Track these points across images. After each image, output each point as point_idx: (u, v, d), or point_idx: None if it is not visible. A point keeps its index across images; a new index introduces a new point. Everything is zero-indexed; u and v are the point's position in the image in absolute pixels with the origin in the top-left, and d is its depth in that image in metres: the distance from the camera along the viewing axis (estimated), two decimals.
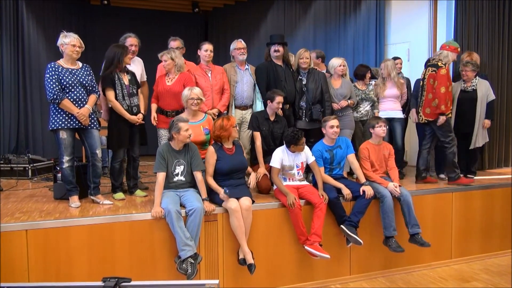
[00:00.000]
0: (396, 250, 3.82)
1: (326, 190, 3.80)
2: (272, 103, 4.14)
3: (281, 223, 3.73)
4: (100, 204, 3.71)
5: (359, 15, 6.89)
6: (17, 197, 4.17)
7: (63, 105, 3.53)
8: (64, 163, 3.63)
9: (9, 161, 5.47)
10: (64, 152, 3.62)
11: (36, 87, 7.00)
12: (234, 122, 3.72)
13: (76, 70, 3.65)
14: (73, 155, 3.70)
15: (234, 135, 3.72)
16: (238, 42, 4.54)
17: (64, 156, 3.62)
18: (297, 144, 3.79)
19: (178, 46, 4.65)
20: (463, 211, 4.42)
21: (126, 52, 3.89)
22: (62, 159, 3.62)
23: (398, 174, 4.25)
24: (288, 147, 3.86)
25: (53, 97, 3.49)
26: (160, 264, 3.38)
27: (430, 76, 4.49)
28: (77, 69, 3.66)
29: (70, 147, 3.64)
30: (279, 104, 4.13)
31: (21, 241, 3.07)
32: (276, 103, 4.12)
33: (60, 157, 3.64)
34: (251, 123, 4.26)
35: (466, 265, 4.34)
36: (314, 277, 3.86)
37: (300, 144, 3.81)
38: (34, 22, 7.07)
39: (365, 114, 4.97)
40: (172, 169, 3.53)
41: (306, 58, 4.59)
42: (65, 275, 3.15)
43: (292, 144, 3.81)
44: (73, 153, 3.69)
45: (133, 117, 3.91)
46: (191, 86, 3.98)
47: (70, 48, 3.57)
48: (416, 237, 3.88)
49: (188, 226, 3.30)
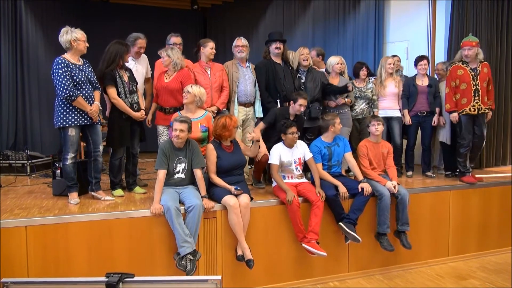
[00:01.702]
0: (387, 248, 3.86)
1: (325, 188, 3.82)
2: (294, 105, 4.14)
3: (279, 220, 3.74)
4: (101, 200, 3.71)
5: (358, 13, 6.90)
6: (16, 193, 4.17)
7: (77, 102, 3.49)
8: (68, 160, 3.62)
9: (7, 157, 5.47)
10: (70, 149, 3.61)
11: (34, 83, 6.97)
12: (237, 123, 3.72)
13: (82, 66, 3.63)
14: (77, 152, 3.71)
15: (234, 136, 3.75)
16: (238, 39, 4.54)
17: (69, 153, 3.61)
18: (286, 132, 3.82)
19: (179, 42, 4.64)
20: (460, 209, 4.45)
21: (128, 50, 3.89)
22: (67, 155, 3.61)
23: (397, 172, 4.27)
24: (283, 140, 3.89)
25: (69, 93, 3.43)
26: (159, 261, 3.39)
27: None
28: (82, 65, 3.64)
29: (76, 144, 3.64)
30: (300, 107, 4.12)
31: (20, 237, 3.07)
32: (298, 105, 4.12)
33: (65, 154, 3.63)
34: (268, 116, 4.24)
35: (463, 263, 4.37)
36: (312, 274, 3.88)
37: (290, 133, 3.82)
38: (32, 18, 7.04)
39: (360, 112, 4.96)
40: (174, 166, 3.54)
41: (306, 54, 4.59)
42: (64, 271, 3.15)
43: (282, 133, 3.85)
44: (77, 150, 3.70)
45: (137, 113, 3.92)
46: (188, 84, 3.98)
47: (82, 44, 3.55)
48: (402, 235, 3.94)
49: (187, 223, 3.31)
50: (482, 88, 4.50)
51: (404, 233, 3.94)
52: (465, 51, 4.48)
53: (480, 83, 4.49)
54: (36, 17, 7.16)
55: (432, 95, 4.92)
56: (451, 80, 4.59)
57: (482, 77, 4.50)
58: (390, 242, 3.89)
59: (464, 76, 4.51)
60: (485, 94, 4.54)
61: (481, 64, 4.53)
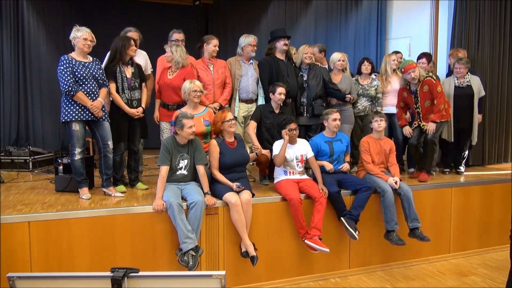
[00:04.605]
0: (398, 243, 3.84)
1: (327, 184, 3.82)
2: (274, 95, 4.15)
3: (281, 216, 3.75)
4: (112, 196, 3.74)
5: (361, 9, 6.88)
6: (19, 189, 4.18)
7: (77, 97, 3.55)
8: (76, 155, 3.65)
9: (10, 153, 5.48)
10: (76, 144, 3.63)
11: (37, 80, 6.98)
12: (226, 117, 3.69)
13: (88, 63, 3.68)
14: (84, 147, 3.74)
15: (227, 129, 3.70)
16: (253, 38, 4.48)
17: (76, 148, 3.64)
18: (286, 127, 3.83)
19: (181, 38, 4.63)
20: (462, 206, 4.45)
21: (128, 44, 3.89)
22: (74, 151, 3.64)
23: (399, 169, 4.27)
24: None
25: (68, 89, 3.51)
26: (162, 257, 3.41)
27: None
28: (89, 62, 3.70)
29: (82, 139, 3.67)
30: (281, 95, 4.13)
31: (23, 233, 3.09)
32: (278, 94, 4.12)
33: (72, 149, 3.65)
34: (253, 113, 4.26)
35: (464, 260, 4.38)
36: (314, 271, 3.89)
37: (289, 130, 3.83)
38: (34, 14, 7.03)
39: (362, 110, 4.95)
40: (176, 163, 3.54)
41: (310, 54, 4.59)
42: (67, 267, 3.17)
43: (282, 128, 3.88)
44: (84, 145, 3.73)
45: (132, 110, 3.92)
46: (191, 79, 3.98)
47: (82, 41, 3.60)
48: (416, 231, 3.90)
49: (189, 219, 3.32)
50: (423, 109, 4.56)
51: (417, 229, 3.90)
52: (409, 74, 4.44)
53: (421, 105, 4.56)
54: (38, 14, 7.16)
55: None
56: (400, 101, 4.74)
57: (423, 97, 4.53)
58: (399, 236, 3.85)
59: (408, 100, 4.67)
60: (428, 113, 4.55)
61: (421, 83, 4.51)
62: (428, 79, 4.49)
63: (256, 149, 3.92)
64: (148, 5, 8.78)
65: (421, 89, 4.52)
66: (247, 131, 4.22)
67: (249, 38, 4.47)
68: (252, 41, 4.47)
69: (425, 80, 4.49)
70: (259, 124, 4.20)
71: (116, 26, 4.90)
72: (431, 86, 4.46)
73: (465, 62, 4.87)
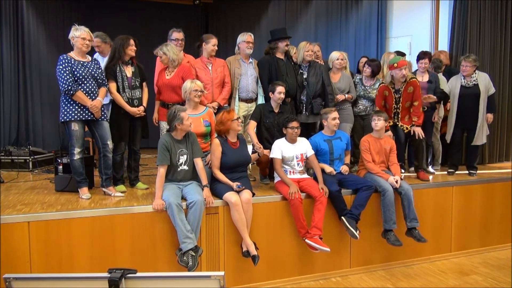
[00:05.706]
0: (394, 243, 3.84)
1: (327, 184, 3.81)
2: (274, 94, 4.14)
3: (282, 216, 3.74)
4: (111, 196, 3.73)
5: (361, 8, 6.87)
6: (19, 189, 4.18)
7: (76, 97, 3.55)
8: (75, 155, 3.64)
9: (9, 153, 5.47)
10: (76, 144, 3.63)
11: (36, 79, 6.98)
12: (234, 116, 3.71)
13: (87, 62, 3.68)
14: (84, 147, 3.74)
15: (234, 128, 3.71)
16: (248, 35, 4.48)
17: (75, 147, 3.63)
18: (287, 126, 3.83)
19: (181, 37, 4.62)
20: (463, 205, 4.44)
21: (127, 44, 3.89)
22: (73, 150, 3.64)
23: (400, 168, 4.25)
24: (285, 135, 3.90)
25: (67, 88, 3.51)
26: (161, 257, 3.40)
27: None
28: (88, 62, 3.69)
29: (81, 139, 3.67)
30: (280, 94, 4.12)
31: (23, 233, 3.08)
32: (277, 93, 4.12)
33: (71, 149, 3.65)
34: (253, 113, 4.25)
35: (465, 259, 4.37)
36: (314, 270, 3.88)
37: (290, 128, 3.83)
38: (34, 14, 7.03)
39: (363, 109, 4.95)
40: (177, 159, 3.53)
41: (311, 51, 4.57)
42: (67, 267, 3.17)
43: (283, 127, 3.88)
44: (83, 145, 3.73)
45: (133, 109, 3.92)
46: (190, 79, 3.96)
47: (80, 41, 3.59)
48: (413, 231, 3.90)
49: (188, 218, 3.31)
50: (403, 110, 4.48)
51: (414, 229, 3.90)
52: (402, 71, 4.33)
53: (402, 105, 4.47)
54: (38, 13, 7.16)
55: (432, 91, 4.88)
56: (380, 99, 4.61)
57: (405, 98, 4.44)
58: (397, 237, 3.86)
59: (388, 98, 4.54)
60: (406, 114, 4.51)
61: (406, 83, 4.42)
62: (414, 80, 4.43)
63: (258, 149, 3.91)
64: (148, 4, 8.77)
65: (405, 89, 4.43)
66: (247, 130, 4.21)
67: (244, 36, 4.47)
68: (247, 38, 4.46)
69: (411, 81, 4.42)
70: (259, 124, 4.19)
71: (116, 26, 4.89)
72: (416, 88, 4.41)
73: (472, 60, 4.73)
